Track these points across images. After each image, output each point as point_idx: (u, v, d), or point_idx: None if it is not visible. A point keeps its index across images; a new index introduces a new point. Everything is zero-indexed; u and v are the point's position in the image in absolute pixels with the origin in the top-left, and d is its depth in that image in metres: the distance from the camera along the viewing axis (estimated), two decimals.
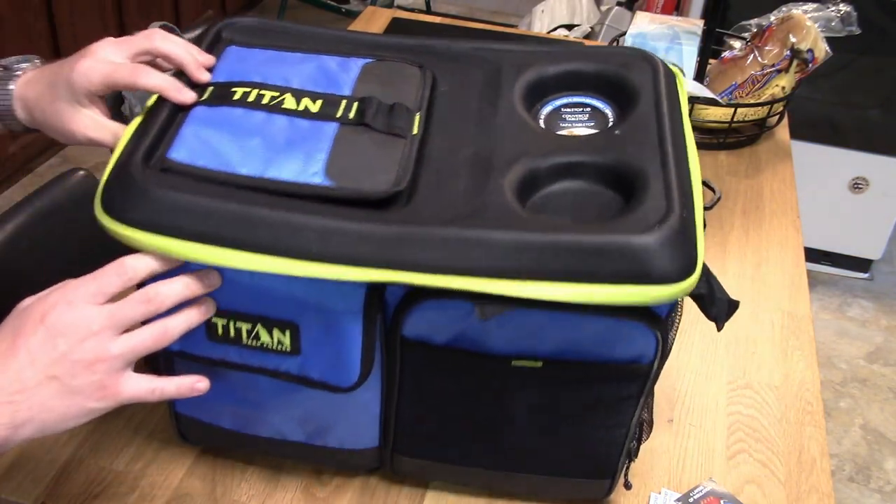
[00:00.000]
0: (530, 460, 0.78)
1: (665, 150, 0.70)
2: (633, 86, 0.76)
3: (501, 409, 0.73)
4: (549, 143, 0.73)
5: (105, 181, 0.65)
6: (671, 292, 0.62)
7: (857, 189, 2.37)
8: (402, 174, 0.67)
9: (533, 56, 0.80)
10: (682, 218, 0.63)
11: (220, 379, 0.73)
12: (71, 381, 0.60)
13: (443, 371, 0.71)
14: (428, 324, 0.68)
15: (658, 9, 2.39)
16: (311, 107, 0.71)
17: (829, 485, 0.87)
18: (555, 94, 0.78)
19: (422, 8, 3.62)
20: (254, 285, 0.65)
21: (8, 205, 1.26)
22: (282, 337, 0.67)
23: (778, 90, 1.41)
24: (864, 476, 1.96)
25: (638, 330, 0.66)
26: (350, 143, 0.69)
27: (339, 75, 0.75)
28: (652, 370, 0.70)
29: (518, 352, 0.69)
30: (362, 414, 0.76)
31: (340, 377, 0.69)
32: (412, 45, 0.81)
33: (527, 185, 0.69)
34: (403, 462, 0.80)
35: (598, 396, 0.72)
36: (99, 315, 0.61)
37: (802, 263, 1.18)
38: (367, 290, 0.65)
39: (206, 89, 0.72)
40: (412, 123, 0.71)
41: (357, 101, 0.72)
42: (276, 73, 0.74)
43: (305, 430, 0.78)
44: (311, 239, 0.62)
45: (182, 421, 0.81)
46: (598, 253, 0.61)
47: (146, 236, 0.62)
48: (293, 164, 0.66)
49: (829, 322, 2.38)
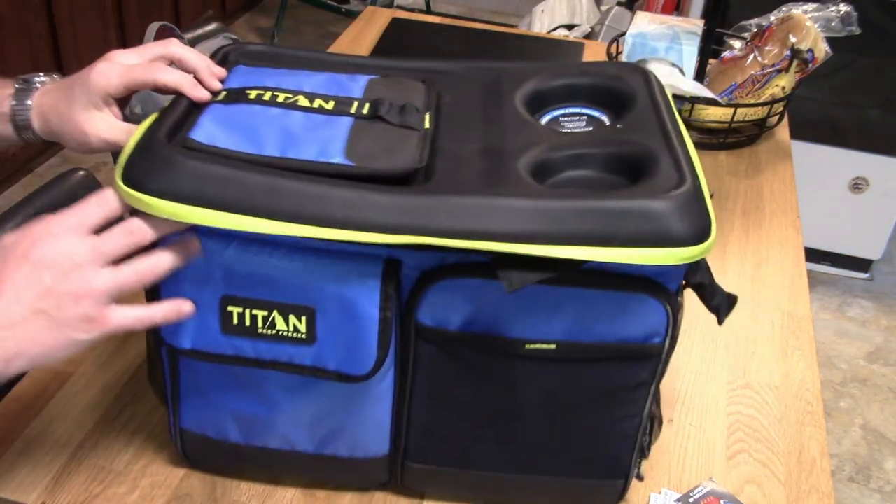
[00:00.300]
0: (543, 460, 0.77)
1: (668, 134, 0.73)
2: (628, 93, 0.79)
3: (514, 401, 0.73)
4: (554, 137, 0.75)
5: (126, 157, 0.65)
6: (690, 254, 0.64)
7: (857, 189, 2.37)
8: (420, 155, 0.68)
9: (530, 72, 0.83)
10: (694, 186, 0.66)
11: (230, 382, 0.73)
12: (58, 314, 0.61)
13: (456, 360, 0.71)
14: (442, 306, 0.68)
15: (658, 9, 2.39)
16: (325, 105, 0.73)
17: (829, 485, 0.87)
18: (552, 106, 0.81)
19: (422, 8, 3.62)
20: (269, 272, 0.66)
21: (8, 205, 1.26)
22: (297, 323, 0.68)
23: (778, 90, 1.41)
24: (864, 476, 1.96)
25: (649, 305, 0.68)
26: (366, 132, 0.71)
27: (348, 85, 0.77)
28: (663, 350, 0.70)
29: (531, 336, 0.69)
30: (375, 410, 0.75)
31: (356, 364, 0.69)
32: (413, 66, 0.84)
33: (541, 170, 0.71)
34: (413, 470, 0.79)
35: (611, 383, 0.72)
36: (82, 246, 0.61)
37: (802, 263, 1.18)
38: (383, 269, 0.66)
39: (220, 93, 0.74)
40: (423, 120, 0.73)
41: (369, 101, 0.74)
42: (288, 82, 0.76)
43: (315, 437, 0.77)
44: (336, 207, 0.63)
45: (186, 438, 0.79)
46: (619, 217, 0.63)
47: (170, 205, 0.63)
48: (313, 147, 0.68)
49: (829, 322, 2.38)
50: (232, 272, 0.67)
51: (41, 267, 0.61)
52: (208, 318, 0.68)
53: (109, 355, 0.94)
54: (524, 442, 0.76)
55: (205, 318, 0.68)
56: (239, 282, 0.67)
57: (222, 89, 0.74)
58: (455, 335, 0.70)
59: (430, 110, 0.75)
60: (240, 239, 0.66)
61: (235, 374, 0.73)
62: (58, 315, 0.61)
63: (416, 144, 0.70)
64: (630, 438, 0.76)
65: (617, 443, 0.76)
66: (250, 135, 0.68)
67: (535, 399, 0.73)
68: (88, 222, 0.63)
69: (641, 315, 0.68)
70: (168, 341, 0.70)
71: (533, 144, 0.73)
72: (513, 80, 0.83)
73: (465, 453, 0.77)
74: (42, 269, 0.61)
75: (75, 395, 0.89)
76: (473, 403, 0.74)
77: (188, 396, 0.76)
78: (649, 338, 0.70)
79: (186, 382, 0.75)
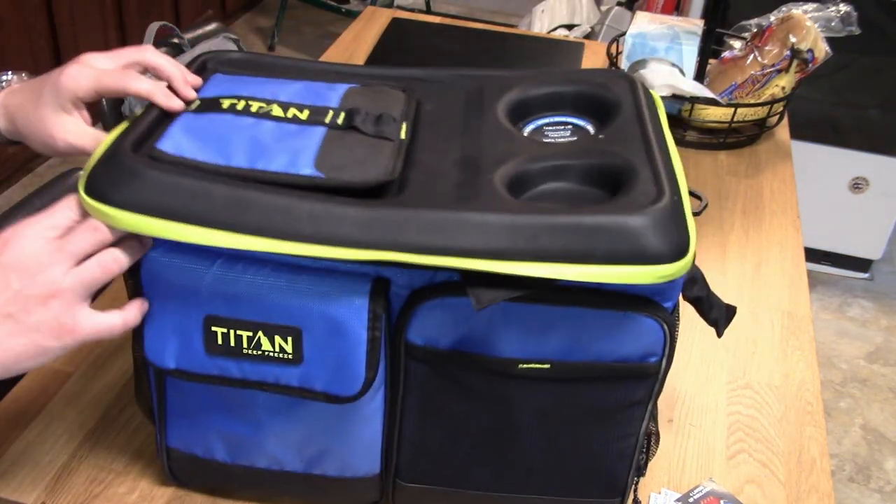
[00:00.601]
0: (538, 480, 0.76)
1: (650, 146, 0.71)
2: (613, 101, 0.77)
3: (508, 420, 0.72)
4: (535, 148, 0.73)
5: (91, 167, 0.65)
6: (666, 272, 0.62)
7: (857, 189, 2.37)
8: (393, 167, 0.67)
9: (514, 80, 0.81)
10: (673, 201, 0.64)
11: (217, 402, 0.72)
12: (26, 318, 0.60)
13: (448, 379, 0.70)
14: (432, 325, 0.67)
15: (658, 9, 2.39)
16: (298, 115, 0.71)
17: (829, 485, 0.87)
18: (536, 115, 0.79)
19: (422, 8, 3.62)
20: (254, 291, 0.64)
21: (8, 205, 1.26)
22: (284, 344, 0.66)
23: (778, 90, 1.41)
24: (864, 476, 1.96)
25: (645, 325, 0.66)
26: (339, 142, 0.69)
27: (325, 93, 0.75)
28: (661, 370, 0.69)
29: (525, 355, 0.68)
30: (365, 430, 0.73)
31: (344, 385, 0.67)
32: (396, 75, 0.82)
33: (517, 184, 0.69)
34: (405, 490, 0.77)
35: (606, 402, 0.71)
36: (49, 248, 0.61)
37: (802, 263, 1.18)
38: (371, 288, 0.65)
39: (194, 102, 0.72)
40: (399, 130, 0.72)
41: (345, 110, 0.72)
42: (264, 90, 0.74)
43: (304, 457, 0.75)
44: (303, 221, 0.61)
45: (173, 457, 0.78)
46: (593, 233, 0.61)
47: (132, 217, 0.62)
48: (282, 158, 0.66)
49: (829, 322, 2.38)
50: (216, 291, 0.65)
51: (8, 271, 0.60)
52: (193, 338, 0.66)
53: (109, 355, 0.94)
54: (518, 462, 0.74)
55: (189, 338, 0.67)
56: (223, 301, 0.65)
57: (196, 98, 0.73)
58: (446, 354, 0.68)
59: (407, 120, 0.73)
60: (224, 256, 0.65)
61: (221, 394, 0.71)
62: (27, 319, 0.60)
63: (390, 156, 0.68)
64: (626, 457, 0.75)
65: (613, 462, 0.75)
66: (219, 145, 0.67)
67: (528, 419, 0.72)
68: (58, 224, 0.62)
69: (637, 334, 0.67)
70: (152, 361, 0.68)
71: (511, 156, 0.71)
72: (497, 89, 0.81)
73: (458, 473, 0.76)
74: (9, 272, 0.60)
75: (75, 395, 0.89)
76: (466, 423, 0.73)
77: (175, 415, 0.75)
78: (646, 357, 0.68)
79: (173, 401, 0.74)
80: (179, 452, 0.77)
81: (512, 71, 0.84)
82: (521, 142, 0.75)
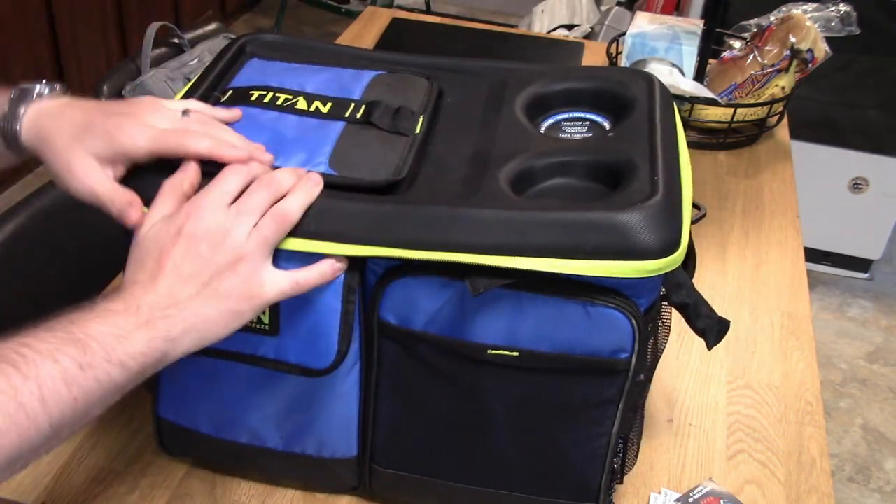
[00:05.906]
0: (509, 475, 0.76)
1: (654, 145, 0.72)
2: (630, 98, 0.79)
3: (478, 409, 0.72)
4: (546, 144, 0.76)
5: None
6: (653, 267, 0.64)
7: (857, 189, 2.37)
8: (402, 166, 0.70)
9: (537, 75, 0.84)
10: (665, 199, 0.65)
11: (200, 374, 0.74)
12: (219, 285, 0.62)
13: (420, 362, 0.71)
14: (405, 303, 0.68)
15: (658, 9, 2.39)
16: (321, 108, 0.75)
17: (829, 485, 0.87)
18: (555, 110, 0.81)
19: (422, 8, 3.62)
20: None
21: (8, 205, 1.26)
22: (261, 314, 0.68)
23: (778, 90, 1.41)
24: (864, 476, 1.96)
25: (615, 319, 0.66)
26: (355, 138, 0.72)
27: (350, 83, 0.79)
28: (630, 367, 0.68)
29: (494, 341, 0.68)
30: (341, 408, 0.75)
31: (317, 357, 0.70)
32: (424, 63, 0.86)
33: (522, 179, 0.71)
34: (381, 476, 0.78)
35: (576, 397, 0.71)
36: (228, 213, 0.63)
37: (802, 264, 1.18)
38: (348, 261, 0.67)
39: (227, 92, 0.76)
40: (416, 124, 0.75)
41: (365, 103, 0.75)
42: (293, 80, 0.78)
43: (283, 433, 0.76)
44: (309, 216, 0.65)
45: (163, 427, 0.80)
46: (583, 228, 0.63)
47: None
48: (299, 155, 0.70)
49: (829, 322, 2.38)
50: None
51: (197, 241, 0.62)
52: None
53: None
54: (490, 454, 0.75)
55: None
56: None
57: (228, 88, 0.76)
58: (418, 335, 0.70)
59: (425, 113, 0.76)
60: None
61: (203, 364, 0.73)
62: (219, 287, 0.62)
63: (401, 152, 0.71)
64: (598, 459, 0.74)
65: (585, 463, 0.74)
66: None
67: (499, 410, 0.72)
68: (228, 190, 0.64)
69: (606, 328, 0.67)
70: None
71: (521, 151, 0.73)
72: (520, 82, 0.83)
73: (430, 461, 0.77)
74: (198, 242, 0.62)
75: None
76: (438, 408, 0.74)
77: (166, 385, 0.78)
78: (615, 353, 0.68)
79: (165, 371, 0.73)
80: (169, 423, 0.79)
81: (536, 65, 0.86)
82: (534, 138, 0.77)
